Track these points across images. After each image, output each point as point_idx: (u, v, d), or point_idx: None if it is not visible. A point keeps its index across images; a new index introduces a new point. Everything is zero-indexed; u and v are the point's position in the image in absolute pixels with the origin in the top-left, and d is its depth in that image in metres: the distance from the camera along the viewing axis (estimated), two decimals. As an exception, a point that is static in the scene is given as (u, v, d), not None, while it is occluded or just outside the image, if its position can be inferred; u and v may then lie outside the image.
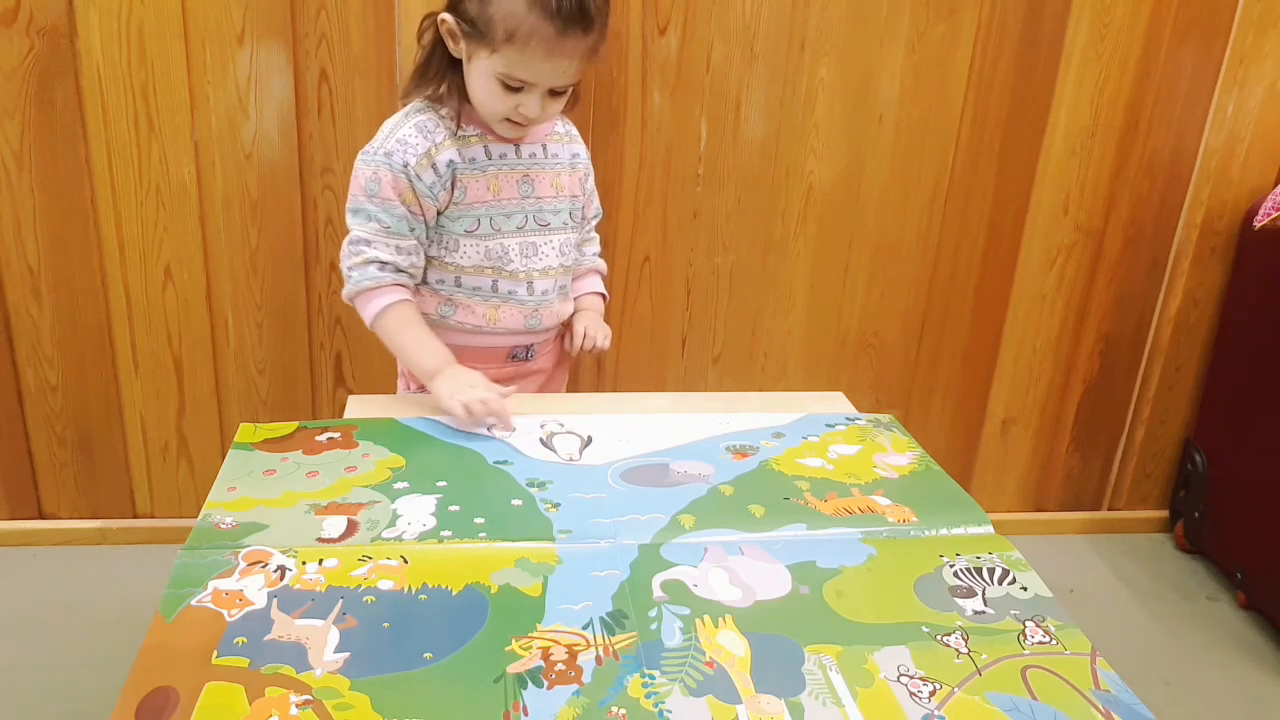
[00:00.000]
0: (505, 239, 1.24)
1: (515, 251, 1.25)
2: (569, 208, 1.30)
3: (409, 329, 1.20)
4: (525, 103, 1.15)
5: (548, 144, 1.28)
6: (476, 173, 1.21)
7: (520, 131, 1.22)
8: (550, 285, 1.29)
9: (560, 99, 1.19)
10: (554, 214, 1.28)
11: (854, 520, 0.91)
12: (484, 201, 1.23)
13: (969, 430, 2.01)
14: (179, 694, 0.65)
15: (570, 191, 1.30)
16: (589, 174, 1.35)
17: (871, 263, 1.85)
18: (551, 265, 1.29)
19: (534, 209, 1.26)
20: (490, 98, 1.16)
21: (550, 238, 1.28)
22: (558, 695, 0.67)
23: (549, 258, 1.28)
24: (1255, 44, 1.77)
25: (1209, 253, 1.91)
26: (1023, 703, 0.69)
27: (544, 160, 1.26)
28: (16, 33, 1.55)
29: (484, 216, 1.23)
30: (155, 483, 1.85)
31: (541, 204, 1.26)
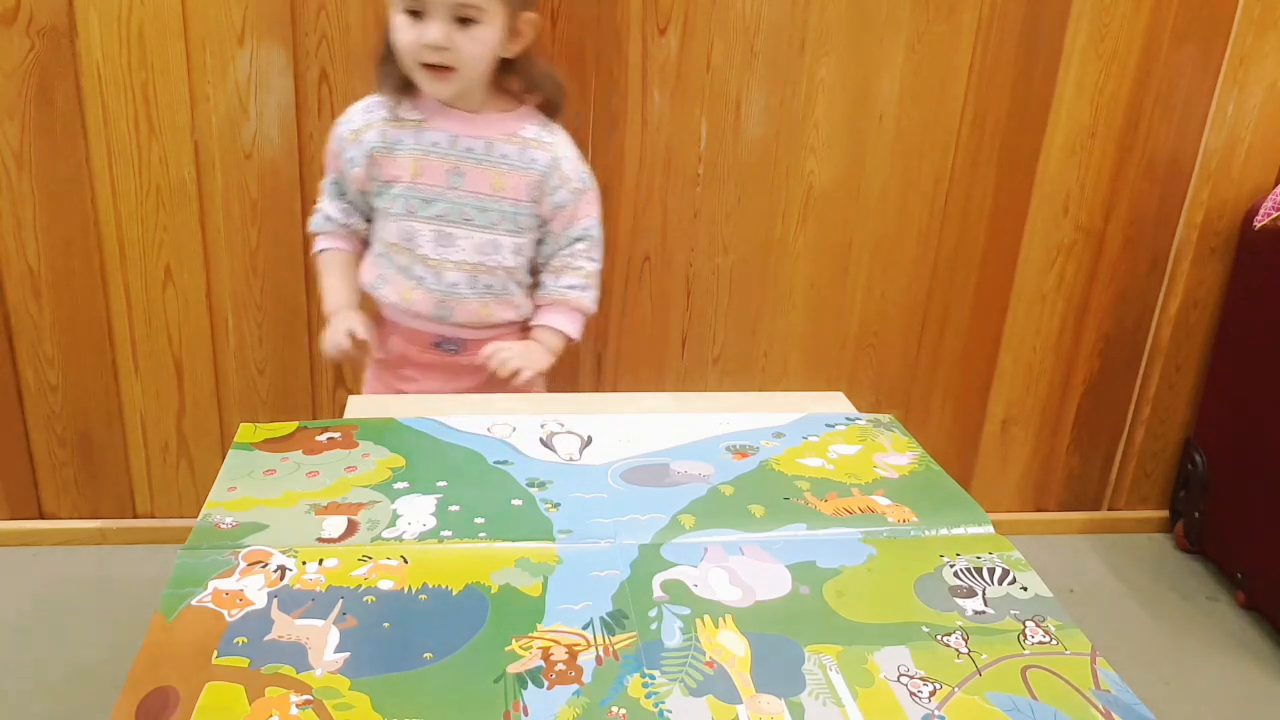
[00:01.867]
0: (419, 223, 1.28)
1: (427, 237, 1.28)
2: (506, 209, 1.29)
3: (328, 272, 1.35)
4: (426, 29, 1.17)
5: (497, 141, 1.28)
6: (399, 155, 1.26)
7: (443, 83, 1.22)
8: (463, 279, 1.30)
9: (472, 34, 1.19)
10: (480, 211, 1.28)
11: (854, 520, 0.91)
12: (401, 183, 1.27)
13: (969, 430, 2.01)
14: (179, 694, 0.65)
15: (512, 194, 1.29)
16: (560, 187, 1.32)
17: (871, 262, 1.85)
18: (467, 260, 1.29)
19: (459, 201, 1.27)
20: (400, 36, 1.19)
21: (471, 233, 1.29)
22: (558, 695, 0.67)
23: (465, 252, 1.29)
24: (1255, 44, 1.77)
25: (1209, 253, 1.91)
26: (1023, 703, 0.69)
27: (483, 155, 1.27)
28: (16, 33, 1.55)
29: (401, 197, 1.28)
30: (155, 483, 1.85)
31: (468, 198, 1.27)
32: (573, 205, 1.34)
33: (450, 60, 1.20)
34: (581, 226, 1.36)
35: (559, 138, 1.33)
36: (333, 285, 1.35)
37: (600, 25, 1.65)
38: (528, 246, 1.34)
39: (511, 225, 1.30)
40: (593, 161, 1.72)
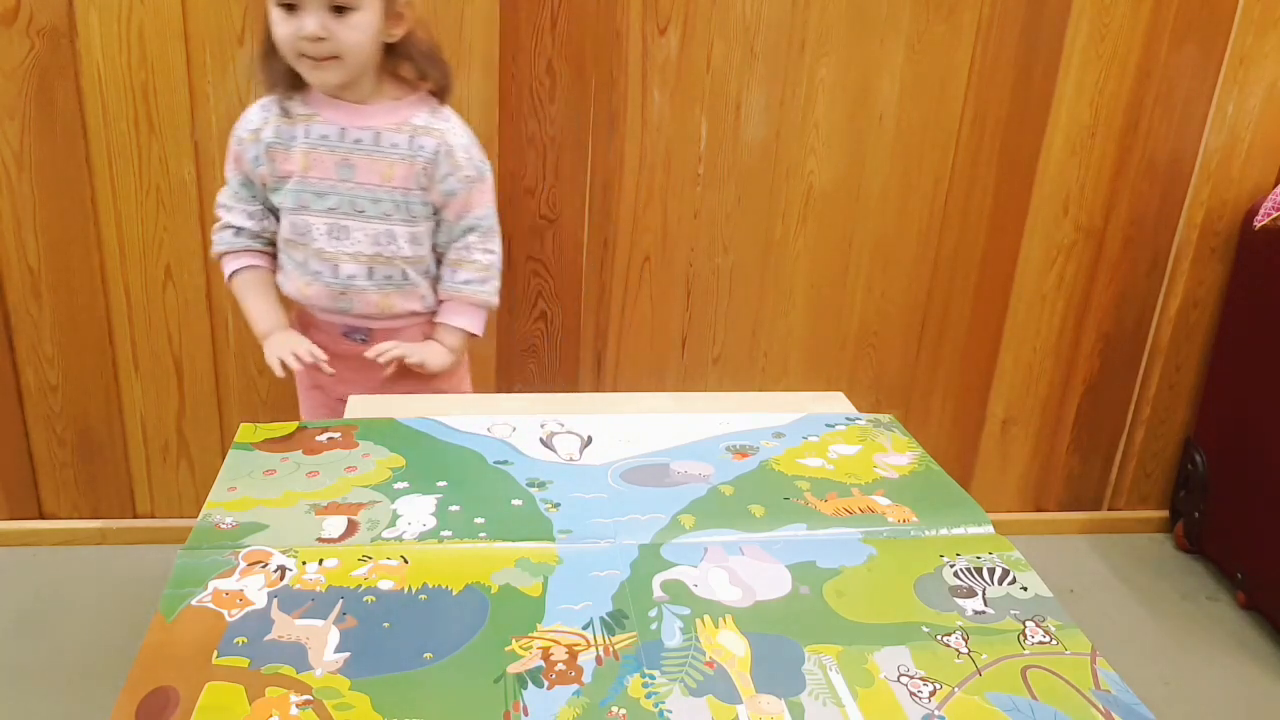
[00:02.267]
0: (312, 217, 1.28)
1: (321, 231, 1.28)
2: (398, 199, 1.28)
3: (248, 294, 1.34)
4: (303, 21, 1.17)
5: (386, 131, 1.27)
6: (292, 150, 1.26)
7: (325, 73, 1.22)
8: (360, 271, 1.30)
9: (350, 22, 1.18)
10: (372, 202, 1.28)
11: (854, 520, 0.91)
12: (294, 177, 1.27)
13: (969, 430, 2.01)
14: (179, 694, 0.65)
15: (402, 183, 1.28)
16: (450, 174, 1.30)
17: (871, 262, 1.85)
18: (363, 252, 1.29)
19: (350, 193, 1.27)
20: (277, 30, 1.19)
21: (365, 224, 1.28)
22: (558, 695, 0.67)
23: (360, 244, 1.29)
24: (1255, 44, 1.77)
25: (1209, 253, 1.91)
26: (1023, 703, 0.69)
27: (371, 147, 1.26)
28: (17, 33, 1.55)
29: (294, 192, 1.28)
30: (155, 483, 1.85)
31: (359, 190, 1.27)
32: (464, 194, 1.32)
33: (330, 50, 1.19)
34: (474, 216, 1.34)
35: (450, 124, 1.31)
36: (260, 308, 1.34)
37: (600, 25, 1.65)
38: (425, 235, 1.33)
39: (405, 215, 1.29)
40: (592, 161, 1.73)
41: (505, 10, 1.62)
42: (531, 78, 1.67)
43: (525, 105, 1.68)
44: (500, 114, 1.68)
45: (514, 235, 1.75)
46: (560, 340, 1.84)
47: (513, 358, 1.84)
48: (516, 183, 1.72)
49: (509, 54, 1.65)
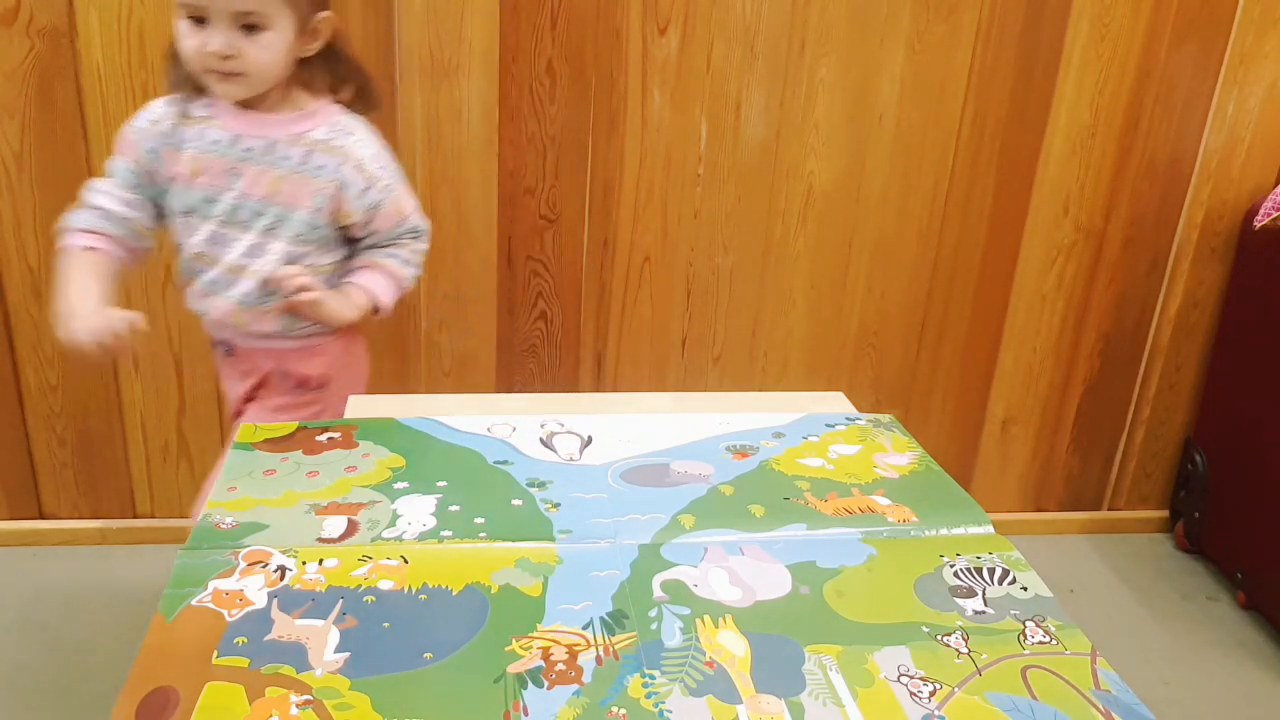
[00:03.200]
0: (196, 221, 1.22)
1: (201, 236, 1.22)
2: (282, 214, 1.21)
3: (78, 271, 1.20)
4: (209, 37, 1.12)
5: (280, 143, 1.20)
6: (184, 152, 1.20)
7: (231, 86, 1.16)
8: (222, 280, 1.23)
9: (260, 41, 1.13)
10: (256, 215, 1.20)
11: (854, 520, 0.91)
12: (182, 181, 1.21)
13: (969, 430, 2.01)
14: (179, 694, 0.65)
15: (289, 200, 1.20)
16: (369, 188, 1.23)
17: (871, 262, 1.85)
18: (233, 263, 1.22)
19: (234, 203, 1.20)
20: (184, 43, 1.14)
21: (241, 236, 1.21)
22: (558, 695, 0.67)
23: (232, 255, 1.22)
24: (1255, 44, 1.77)
25: (1209, 253, 1.91)
26: (1023, 703, 0.69)
27: (261, 158, 1.19)
28: (17, 33, 1.55)
29: (180, 195, 1.22)
30: (155, 483, 1.85)
31: (244, 200, 1.20)
32: (390, 201, 1.26)
33: (237, 68, 1.14)
34: (410, 224, 1.30)
35: (355, 138, 1.23)
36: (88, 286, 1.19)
37: (600, 25, 1.65)
38: (301, 259, 1.23)
39: (288, 234, 1.22)
40: (592, 161, 1.73)
41: (505, 10, 1.63)
42: (531, 78, 1.67)
43: (525, 105, 1.68)
44: (500, 114, 1.68)
45: (514, 235, 1.75)
46: (560, 340, 1.84)
47: (513, 358, 1.84)
48: (516, 183, 1.72)
49: (509, 54, 1.65)
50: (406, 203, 1.29)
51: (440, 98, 1.65)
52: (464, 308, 1.79)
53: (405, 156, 1.68)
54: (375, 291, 1.28)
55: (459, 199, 1.72)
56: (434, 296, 1.78)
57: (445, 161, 1.70)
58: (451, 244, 1.75)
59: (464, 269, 1.76)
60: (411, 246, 1.31)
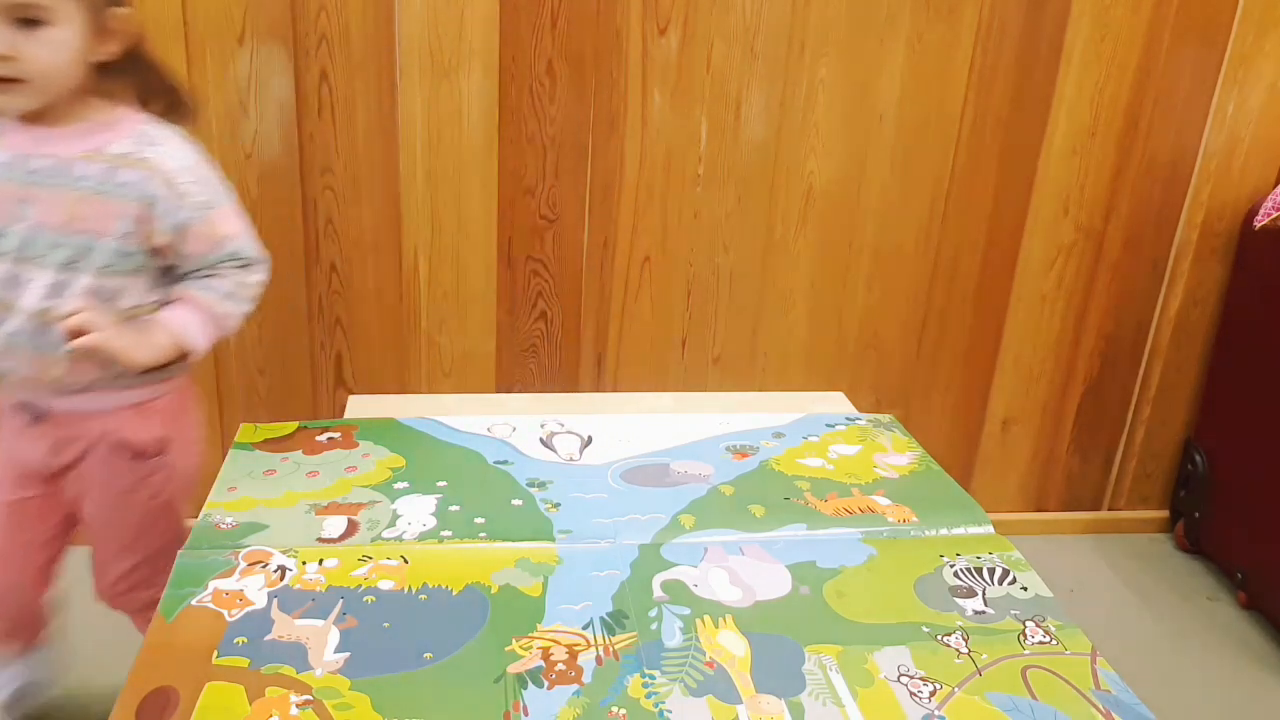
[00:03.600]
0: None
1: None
2: (88, 245, 1.03)
3: None
4: None
5: (76, 161, 1.03)
6: None
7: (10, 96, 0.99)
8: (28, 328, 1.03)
9: (41, 37, 0.97)
10: (54, 247, 1.02)
11: (854, 520, 0.91)
12: None
13: (969, 430, 2.01)
14: (179, 694, 0.65)
15: (96, 226, 1.02)
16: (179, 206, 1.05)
17: (871, 262, 1.85)
18: (37, 306, 1.03)
19: (26, 235, 1.02)
20: None
21: (42, 273, 1.02)
22: (558, 695, 0.67)
23: (34, 297, 1.03)
24: (1255, 44, 1.77)
25: (1209, 253, 1.91)
26: (1023, 703, 0.69)
27: (55, 178, 1.02)
28: (16, 33, 1.55)
29: None
30: (155, 483, 1.85)
31: (38, 232, 1.02)
32: (201, 223, 1.07)
33: (16, 71, 0.97)
34: (229, 247, 1.10)
35: (165, 149, 1.06)
36: None
37: (600, 25, 1.65)
38: (115, 295, 1.06)
39: (94, 266, 1.04)
40: (592, 161, 1.72)
41: (505, 10, 1.63)
42: (531, 78, 1.67)
43: (525, 105, 1.68)
44: (500, 114, 1.68)
45: (514, 235, 1.75)
46: (560, 340, 1.84)
47: (513, 358, 1.84)
48: (516, 183, 1.72)
49: (509, 54, 1.65)
50: (227, 224, 1.10)
51: (440, 98, 1.66)
52: (464, 308, 1.79)
53: (405, 156, 1.68)
54: (180, 329, 1.07)
55: (459, 199, 1.72)
56: (434, 296, 1.78)
57: (445, 161, 1.70)
58: (451, 244, 1.75)
59: (464, 269, 1.76)
60: (235, 278, 1.11)
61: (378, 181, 1.69)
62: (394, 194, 1.70)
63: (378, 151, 1.68)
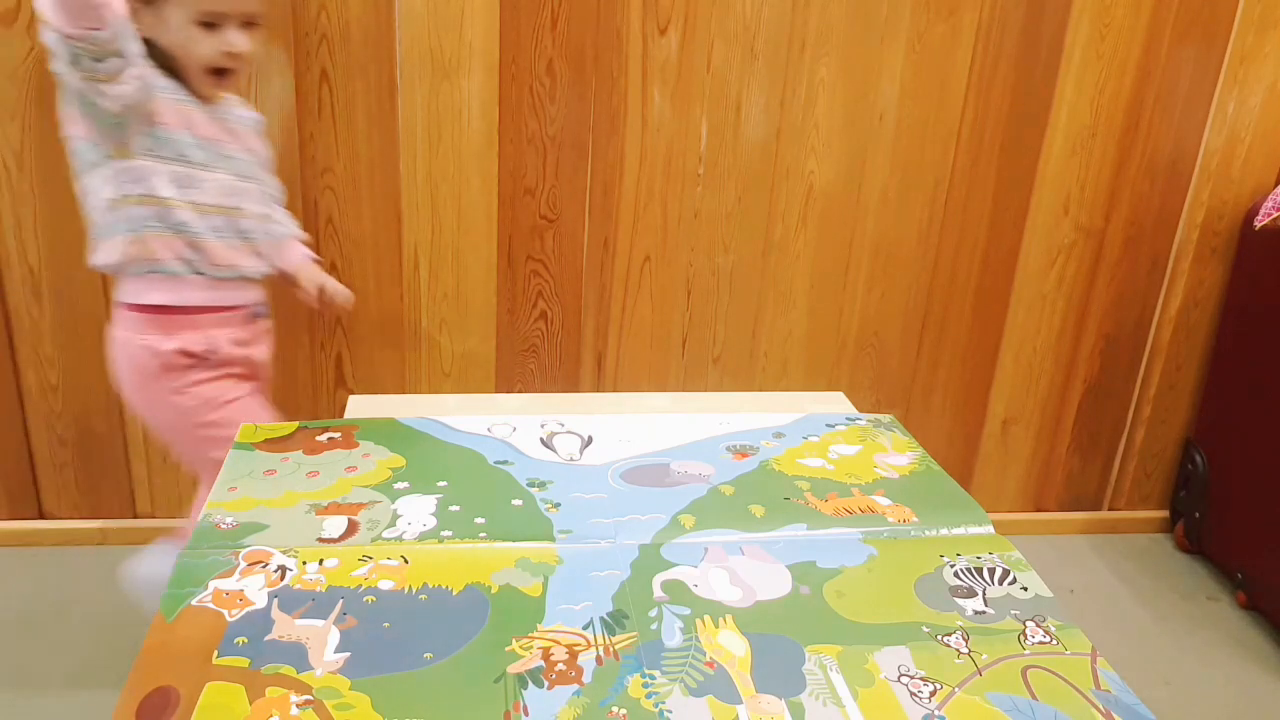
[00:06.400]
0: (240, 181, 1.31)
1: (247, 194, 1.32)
2: (259, 161, 1.36)
3: None
4: (229, 39, 1.21)
5: (232, 105, 1.32)
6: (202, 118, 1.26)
7: (230, 80, 1.26)
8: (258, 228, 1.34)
9: (254, 35, 1.24)
10: (250, 166, 1.34)
11: (854, 520, 0.91)
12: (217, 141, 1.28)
13: (969, 430, 2.01)
14: (179, 694, 0.65)
15: (257, 146, 1.36)
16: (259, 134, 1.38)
17: (871, 262, 1.85)
18: (255, 209, 1.33)
19: (240, 158, 1.31)
20: (194, 45, 1.20)
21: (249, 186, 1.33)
22: (558, 695, 0.67)
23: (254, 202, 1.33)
24: (1255, 44, 1.77)
25: (1209, 253, 1.91)
26: (1023, 703, 0.69)
27: (236, 118, 1.32)
28: (17, 33, 1.55)
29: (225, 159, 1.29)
30: (155, 483, 1.85)
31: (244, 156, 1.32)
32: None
33: (240, 64, 1.25)
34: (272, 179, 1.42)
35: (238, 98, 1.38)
36: None
37: (600, 25, 1.65)
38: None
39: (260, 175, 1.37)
40: (593, 161, 1.73)
41: (505, 10, 1.63)
42: (531, 78, 1.67)
43: (525, 105, 1.68)
44: (500, 114, 1.68)
45: (514, 235, 1.75)
46: (560, 340, 1.84)
47: (513, 358, 1.84)
48: (516, 183, 1.72)
49: (509, 54, 1.65)
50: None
51: (440, 98, 1.66)
52: (464, 308, 1.79)
53: (405, 156, 1.68)
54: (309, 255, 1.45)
55: (459, 199, 1.72)
56: (434, 296, 1.78)
57: (445, 161, 1.70)
58: (451, 244, 1.75)
59: (464, 269, 1.76)
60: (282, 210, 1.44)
61: (378, 181, 1.70)
62: (394, 194, 1.71)
63: (378, 151, 1.68)
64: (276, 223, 1.40)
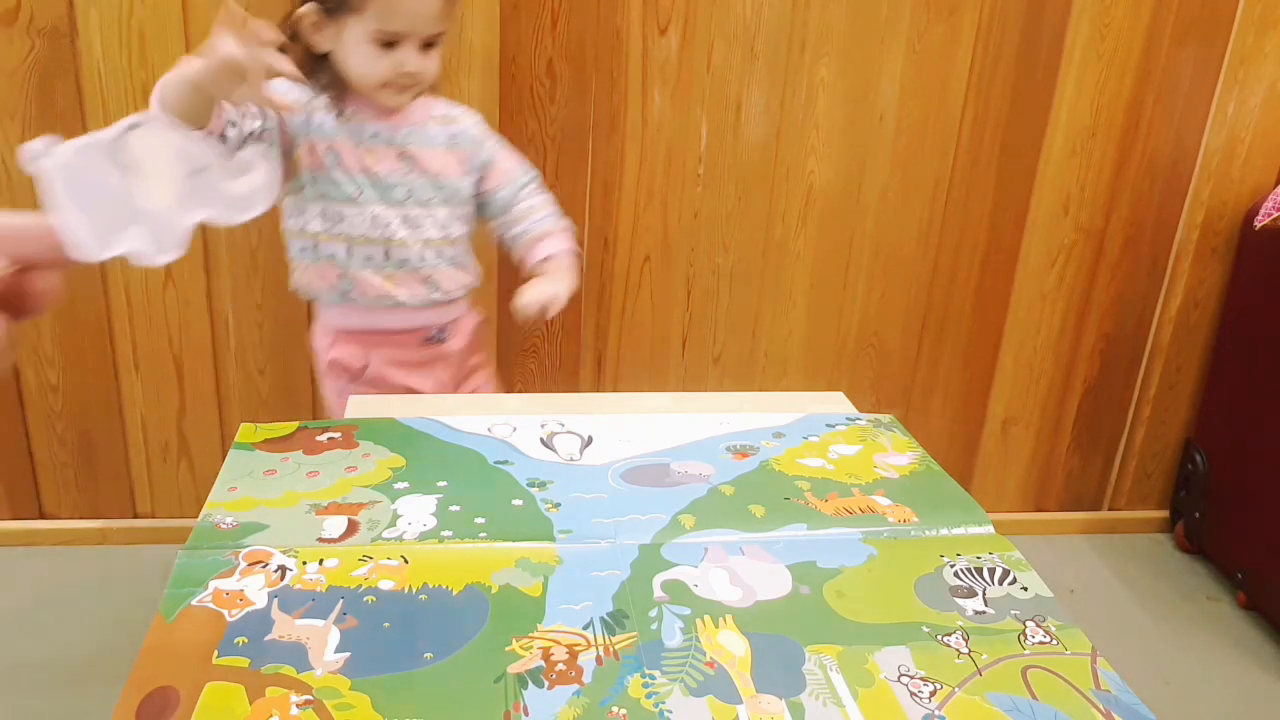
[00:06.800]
0: (389, 209, 1.30)
1: (399, 222, 1.30)
2: (451, 185, 1.33)
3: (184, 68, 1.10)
4: (404, 58, 1.21)
5: (427, 125, 1.31)
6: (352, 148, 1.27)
7: (406, 97, 1.26)
8: (430, 254, 1.33)
9: (435, 53, 1.24)
10: (436, 189, 1.32)
11: (854, 520, 0.91)
12: (361, 174, 1.28)
13: (969, 430, 2.01)
14: (179, 694, 0.65)
15: (453, 170, 1.33)
16: (481, 146, 1.35)
17: (872, 262, 1.85)
18: (434, 237, 1.33)
19: (416, 184, 1.30)
20: (369, 63, 1.21)
21: (433, 211, 1.32)
22: (558, 695, 0.67)
23: (430, 230, 1.32)
24: (1255, 44, 1.77)
25: (1209, 253, 1.91)
26: (1023, 703, 0.69)
27: (423, 140, 1.30)
28: (17, 33, 1.55)
29: (366, 187, 1.28)
30: (155, 483, 1.85)
31: (422, 180, 1.30)
32: (497, 160, 1.37)
33: (414, 81, 1.25)
34: (519, 172, 1.39)
35: (457, 108, 1.36)
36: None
37: (600, 25, 1.65)
38: (471, 217, 1.39)
39: (460, 199, 1.35)
40: (592, 161, 1.73)
41: (505, 10, 1.63)
42: (531, 78, 1.67)
43: (525, 105, 1.68)
44: (500, 114, 1.68)
45: (514, 235, 1.75)
46: (560, 340, 1.84)
47: (513, 358, 1.84)
48: (516, 183, 1.72)
49: (509, 54, 1.65)
50: (512, 158, 1.40)
51: (440, 98, 1.65)
52: (464, 308, 1.79)
53: (405, 156, 1.68)
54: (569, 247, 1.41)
55: (459, 199, 1.72)
56: (434, 296, 1.78)
57: (445, 161, 1.70)
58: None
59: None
60: (547, 198, 1.41)
61: (378, 181, 1.70)
62: (394, 194, 1.70)
63: (378, 151, 1.68)
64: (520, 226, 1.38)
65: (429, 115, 1.32)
